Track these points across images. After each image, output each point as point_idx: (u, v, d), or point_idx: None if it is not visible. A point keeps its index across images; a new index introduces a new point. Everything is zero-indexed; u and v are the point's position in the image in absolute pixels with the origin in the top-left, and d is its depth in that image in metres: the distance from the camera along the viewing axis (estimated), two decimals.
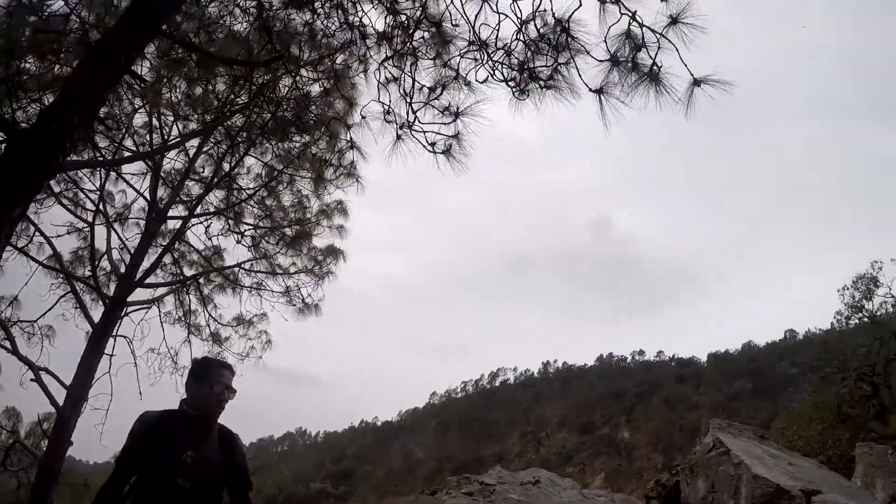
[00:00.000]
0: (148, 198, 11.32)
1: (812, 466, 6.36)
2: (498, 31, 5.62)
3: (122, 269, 11.34)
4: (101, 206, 11.18)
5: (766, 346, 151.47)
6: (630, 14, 4.81)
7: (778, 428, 30.39)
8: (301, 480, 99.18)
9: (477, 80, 5.85)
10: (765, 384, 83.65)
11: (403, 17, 6.02)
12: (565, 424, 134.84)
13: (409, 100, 6.14)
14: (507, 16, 5.53)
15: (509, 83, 5.70)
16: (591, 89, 5.16)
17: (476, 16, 5.57)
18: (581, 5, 5.07)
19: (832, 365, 25.92)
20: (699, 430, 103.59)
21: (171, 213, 11.73)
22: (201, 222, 12.21)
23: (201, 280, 12.86)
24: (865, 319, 27.10)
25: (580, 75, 5.27)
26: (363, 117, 6.52)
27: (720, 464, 6.20)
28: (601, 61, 5.09)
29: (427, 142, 6.08)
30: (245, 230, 12.44)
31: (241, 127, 10.17)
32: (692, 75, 4.65)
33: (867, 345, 25.36)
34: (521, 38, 5.62)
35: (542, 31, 5.50)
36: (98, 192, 11.17)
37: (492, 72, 5.75)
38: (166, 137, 10.83)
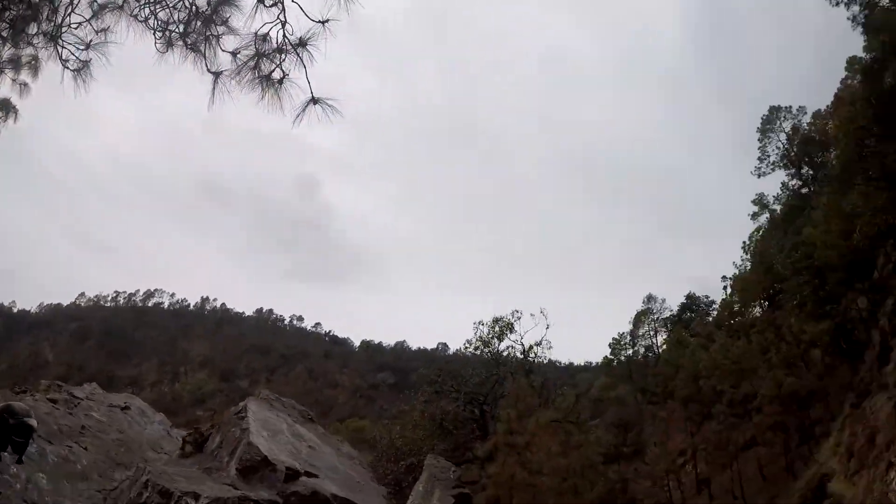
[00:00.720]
0: None
1: (333, 457, 6.19)
2: None
3: None
4: None
5: (418, 350, 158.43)
6: (282, 22, 5.22)
7: (384, 422, 36.01)
8: None
9: None
10: (404, 382, 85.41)
11: None
12: (207, 366, 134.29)
13: None
14: None
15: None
16: (210, 70, 5.40)
17: None
18: None
19: (447, 384, 30.12)
20: (334, 407, 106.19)
21: None
22: None
23: None
24: (489, 355, 29.98)
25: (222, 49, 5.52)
26: None
27: (235, 425, 6.45)
28: (228, 51, 5.44)
29: None
30: None
31: None
32: (311, 93, 5.17)
33: (485, 376, 30.55)
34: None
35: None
36: None
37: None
38: None
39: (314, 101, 5.14)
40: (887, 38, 26.95)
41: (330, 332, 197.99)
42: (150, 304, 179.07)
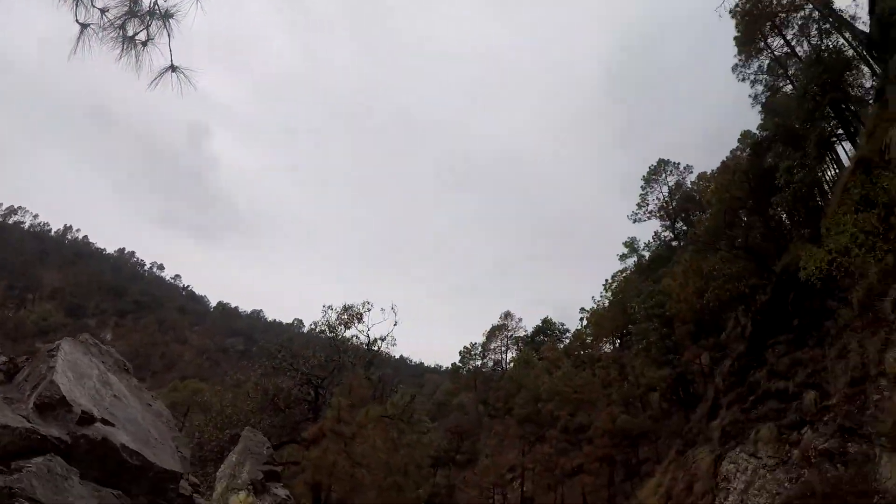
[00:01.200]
0: None
1: (137, 411, 6.23)
2: None
3: None
4: None
5: (273, 321, 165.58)
6: None
7: (217, 388, 35.78)
8: None
9: None
10: (253, 351, 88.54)
11: None
12: (57, 297, 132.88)
13: None
14: None
15: None
16: (78, 21, 5.24)
17: None
18: None
19: (286, 361, 30.19)
20: (178, 364, 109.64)
21: None
22: None
23: None
24: (330, 336, 32.39)
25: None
26: None
27: (44, 362, 6.77)
28: (98, 7, 5.30)
29: None
30: None
31: None
32: (171, 60, 5.33)
33: (325, 360, 30.47)
34: None
35: None
36: None
37: None
38: None
39: (173, 68, 5.36)
40: (780, 121, 29.11)
41: (188, 286, 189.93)
42: (10, 222, 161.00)
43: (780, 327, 23.45)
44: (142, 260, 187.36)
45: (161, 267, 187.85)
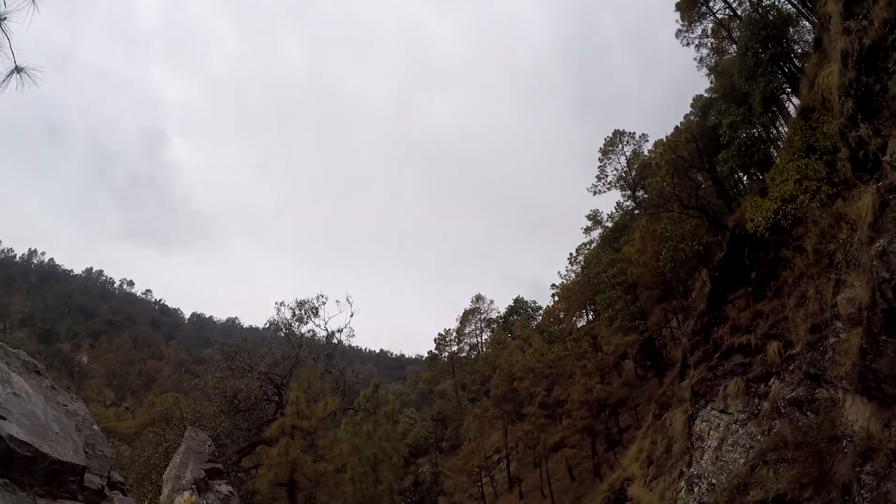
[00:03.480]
0: None
1: (40, 408, 6.13)
2: None
3: None
4: None
5: (249, 328, 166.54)
6: None
7: (175, 395, 38.37)
8: None
9: None
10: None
11: None
12: (28, 324, 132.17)
13: None
14: None
15: None
16: None
17: None
18: None
19: (241, 361, 30.33)
20: (157, 380, 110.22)
21: None
22: None
23: None
24: (283, 333, 33.35)
25: None
26: None
27: None
28: None
29: None
30: None
31: None
32: (15, 63, 5.30)
33: (280, 357, 30.94)
34: None
35: None
36: None
37: None
38: None
39: (18, 70, 5.36)
40: (725, 82, 29.21)
41: (160, 300, 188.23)
42: None
43: (738, 282, 23.56)
44: (111, 278, 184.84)
45: (131, 283, 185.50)
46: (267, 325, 33.83)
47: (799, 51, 28.47)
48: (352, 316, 31.90)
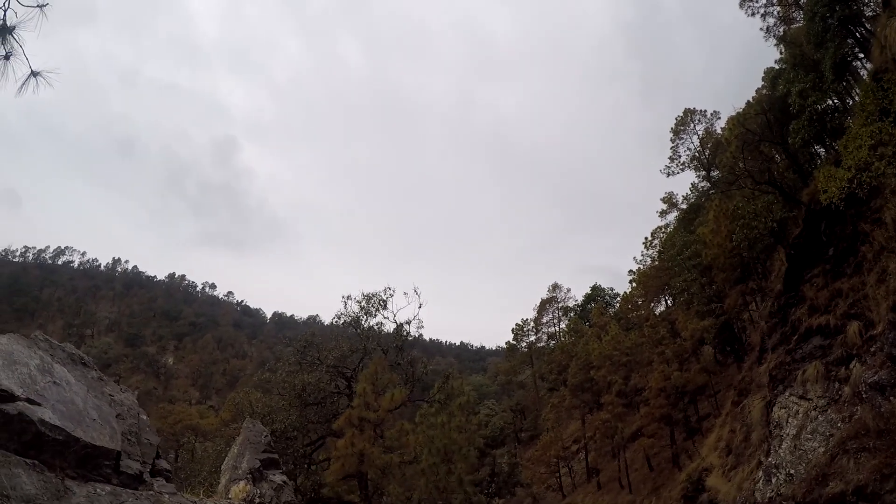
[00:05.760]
0: None
1: (81, 397, 6.32)
2: None
3: None
4: None
5: (329, 325, 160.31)
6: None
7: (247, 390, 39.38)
8: None
9: None
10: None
11: None
12: (115, 330, 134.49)
13: None
14: None
15: None
16: None
17: None
18: None
19: (309, 356, 30.74)
20: (241, 378, 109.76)
21: None
22: None
23: None
24: (354, 329, 32.40)
25: None
26: None
27: None
28: None
29: None
30: None
31: None
32: (31, 67, 5.70)
33: (348, 350, 31.01)
34: None
35: None
36: None
37: None
38: None
39: (34, 74, 5.70)
40: (798, 51, 27.40)
41: (242, 301, 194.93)
42: (59, 262, 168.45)
43: (815, 259, 22.16)
44: (193, 282, 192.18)
45: (213, 286, 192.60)
46: (336, 319, 34.41)
47: (869, 13, 26.32)
48: (420, 307, 31.92)
